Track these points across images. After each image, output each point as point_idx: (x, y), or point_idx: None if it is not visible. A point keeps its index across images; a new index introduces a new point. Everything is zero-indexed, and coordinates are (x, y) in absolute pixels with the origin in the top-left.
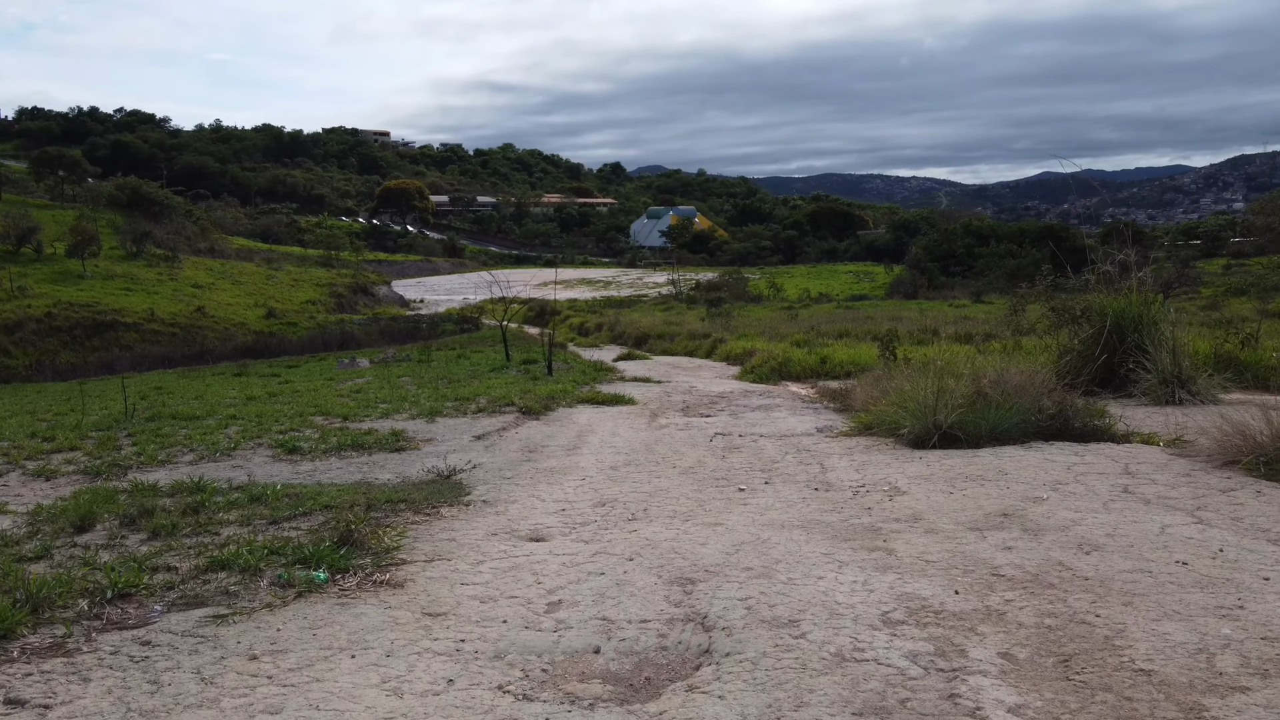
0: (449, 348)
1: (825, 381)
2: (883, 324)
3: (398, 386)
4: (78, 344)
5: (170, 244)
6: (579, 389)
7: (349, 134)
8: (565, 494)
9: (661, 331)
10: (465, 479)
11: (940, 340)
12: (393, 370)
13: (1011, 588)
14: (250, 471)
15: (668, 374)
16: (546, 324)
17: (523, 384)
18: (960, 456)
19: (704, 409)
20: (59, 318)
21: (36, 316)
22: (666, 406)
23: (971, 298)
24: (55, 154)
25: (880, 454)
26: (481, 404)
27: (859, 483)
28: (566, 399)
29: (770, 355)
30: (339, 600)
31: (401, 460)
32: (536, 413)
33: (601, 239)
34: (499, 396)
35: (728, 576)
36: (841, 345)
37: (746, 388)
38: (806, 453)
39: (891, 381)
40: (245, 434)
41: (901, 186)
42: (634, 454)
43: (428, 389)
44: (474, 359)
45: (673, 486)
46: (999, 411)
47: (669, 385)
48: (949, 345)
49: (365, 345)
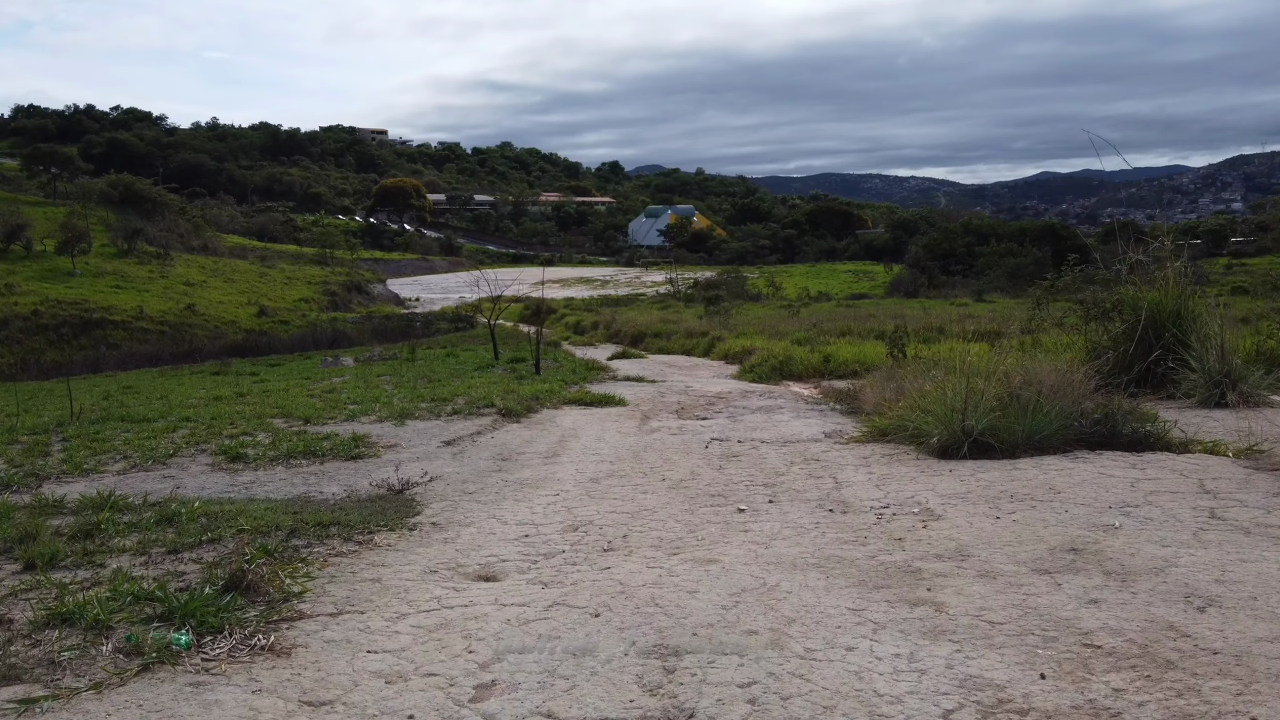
0: (439, 346)
1: (830, 381)
2: (885, 322)
3: (374, 386)
4: (65, 342)
5: (162, 241)
6: (566, 389)
7: (346, 132)
8: (533, 513)
9: (658, 330)
10: (419, 494)
11: (947, 338)
12: (375, 369)
13: (1115, 666)
14: (180, 483)
15: (663, 373)
16: (542, 322)
17: (507, 383)
18: (997, 469)
19: (700, 411)
20: (46, 315)
21: (23, 314)
22: (659, 408)
23: (973, 296)
24: (48, 151)
25: (902, 465)
26: (459, 405)
27: (882, 502)
28: (552, 400)
29: (770, 353)
30: (194, 678)
31: (355, 470)
32: (517, 415)
33: (599, 238)
34: (479, 397)
35: (724, 646)
36: (845, 343)
37: (746, 387)
38: (815, 462)
39: (904, 381)
40: (191, 439)
41: (900, 186)
42: (619, 463)
43: (405, 389)
44: (462, 357)
45: (660, 505)
46: (1036, 415)
47: (663, 385)
48: (959, 343)
49: (357, 344)
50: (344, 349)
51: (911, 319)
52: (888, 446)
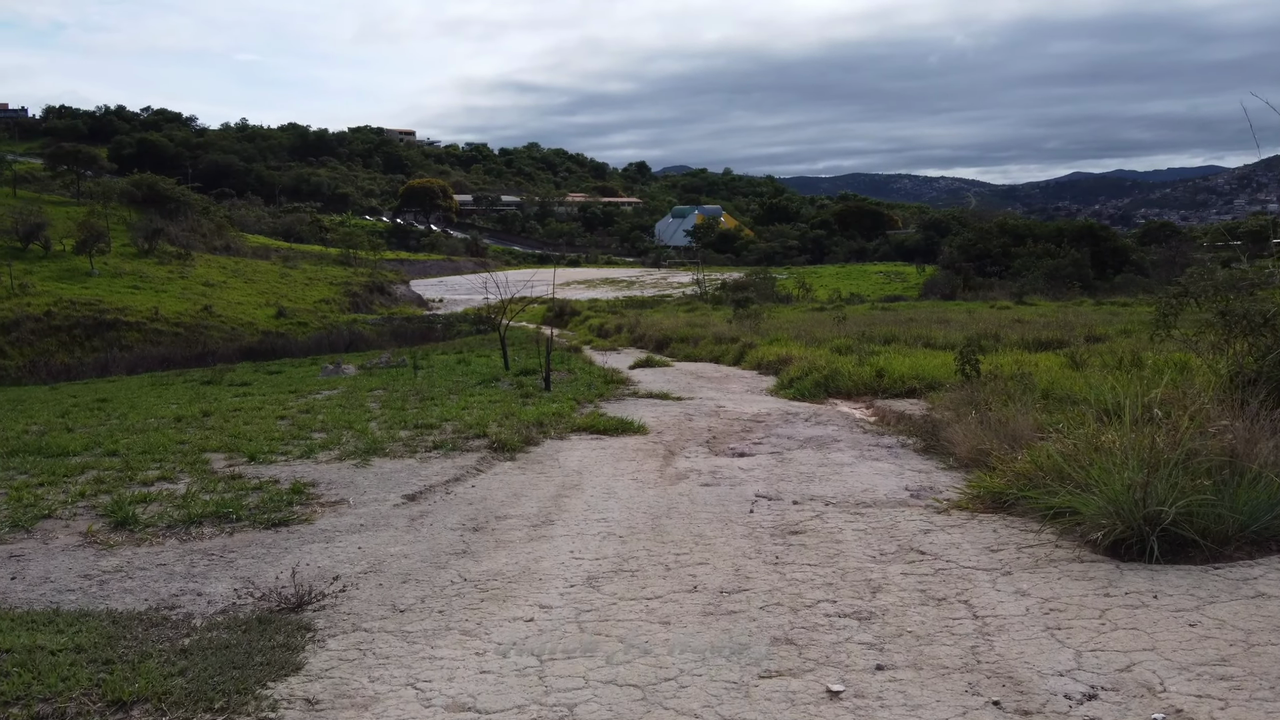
0: (454, 351)
1: (885, 401)
2: (929, 327)
3: (358, 406)
4: (77, 344)
5: (184, 241)
6: (578, 409)
7: (374, 133)
8: (482, 676)
9: (684, 334)
10: (321, 619)
11: (1003, 346)
12: (373, 380)
13: None
14: (23, 569)
15: (690, 386)
16: (563, 325)
17: (510, 402)
18: (1226, 591)
19: (735, 441)
20: (58, 316)
21: (35, 315)
22: (686, 437)
23: (1012, 299)
24: (71, 150)
25: (1067, 578)
26: (445, 435)
27: (1081, 683)
28: (558, 425)
29: (811, 364)
30: None
31: (268, 550)
32: (511, 450)
33: (626, 238)
34: (471, 422)
35: None
36: (894, 353)
37: (786, 407)
38: (921, 558)
39: (990, 407)
40: (94, 485)
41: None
42: (631, 539)
43: (392, 409)
44: (474, 364)
45: (690, 666)
46: (1254, 490)
47: (691, 403)
48: (1022, 353)
49: (375, 346)
50: (360, 351)
51: (956, 324)
52: (1015, 525)
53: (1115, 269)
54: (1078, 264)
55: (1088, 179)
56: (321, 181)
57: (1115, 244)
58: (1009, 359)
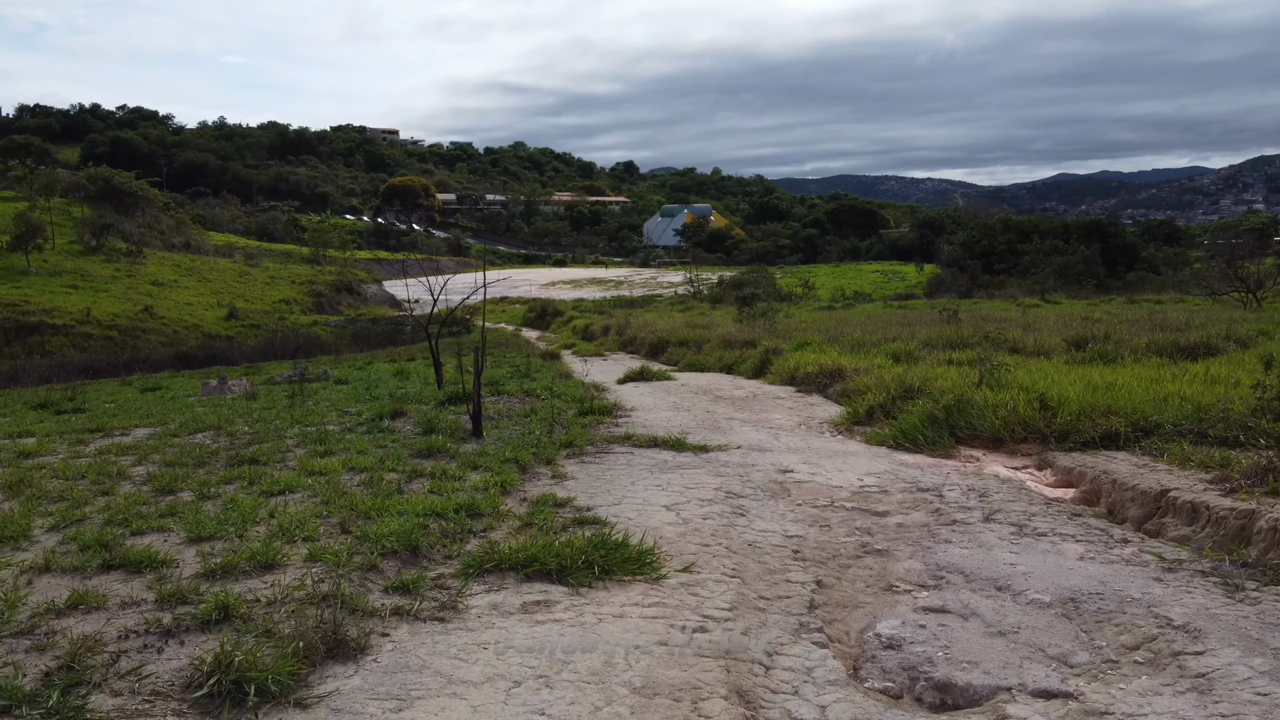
0: (404, 358)
1: (1071, 455)
2: (986, 328)
3: (115, 475)
4: None
5: (138, 238)
6: (516, 483)
7: (356, 131)
8: None
9: (684, 337)
10: None
11: (1138, 354)
12: (240, 406)
13: None
14: None
15: (712, 420)
16: (547, 326)
17: (397, 463)
18: None
19: (890, 620)
20: None
21: None
22: (764, 598)
23: (1037, 296)
24: (23, 142)
25: None
26: (138, 612)
27: None
28: (452, 553)
29: (880, 380)
30: None
31: None
32: (276, 697)
33: (614, 238)
34: (251, 553)
35: None
36: (1035, 370)
37: (899, 469)
38: None
39: None
40: None
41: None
42: None
43: (159, 483)
44: (414, 378)
45: None
46: None
47: (728, 463)
48: (1169, 363)
49: (331, 351)
50: (311, 357)
51: (1010, 321)
52: None
53: (1127, 266)
54: (1089, 261)
55: (1073, 180)
56: (300, 180)
57: (1124, 240)
58: (1128, 374)
